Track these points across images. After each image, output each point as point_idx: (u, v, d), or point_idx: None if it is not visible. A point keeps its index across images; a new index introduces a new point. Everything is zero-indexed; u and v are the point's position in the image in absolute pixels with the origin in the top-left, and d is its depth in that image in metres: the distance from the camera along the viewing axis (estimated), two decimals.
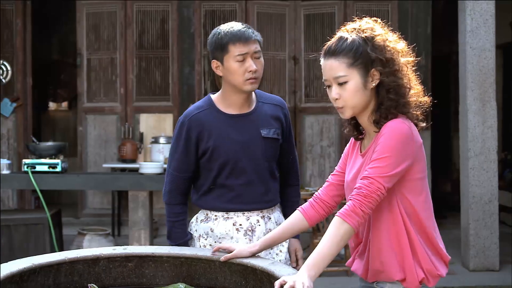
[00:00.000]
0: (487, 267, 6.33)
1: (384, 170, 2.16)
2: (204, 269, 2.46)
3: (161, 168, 5.83)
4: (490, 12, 6.30)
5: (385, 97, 2.26)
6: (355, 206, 2.14)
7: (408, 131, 2.21)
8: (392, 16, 8.61)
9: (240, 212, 2.85)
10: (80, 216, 8.72)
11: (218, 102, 2.88)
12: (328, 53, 2.30)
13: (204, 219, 2.92)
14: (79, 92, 8.76)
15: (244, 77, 2.75)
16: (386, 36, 2.30)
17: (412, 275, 2.24)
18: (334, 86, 2.29)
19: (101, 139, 8.71)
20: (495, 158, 6.36)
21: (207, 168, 2.86)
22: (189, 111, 2.88)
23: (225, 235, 2.85)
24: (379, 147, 2.19)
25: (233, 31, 2.76)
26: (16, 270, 2.18)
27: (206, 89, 8.71)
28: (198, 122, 2.82)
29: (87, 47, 8.71)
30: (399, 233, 2.25)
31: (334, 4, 8.68)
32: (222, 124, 2.82)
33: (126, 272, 2.48)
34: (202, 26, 8.66)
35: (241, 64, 2.74)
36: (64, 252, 2.41)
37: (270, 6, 8.70)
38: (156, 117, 8.60)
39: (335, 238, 2.12)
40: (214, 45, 2.80)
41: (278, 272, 2.21)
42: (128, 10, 8.64)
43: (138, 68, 8.69)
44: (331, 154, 8.74)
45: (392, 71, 2.26)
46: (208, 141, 2.82)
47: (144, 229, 5.71)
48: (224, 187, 2.85)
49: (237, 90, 2.80)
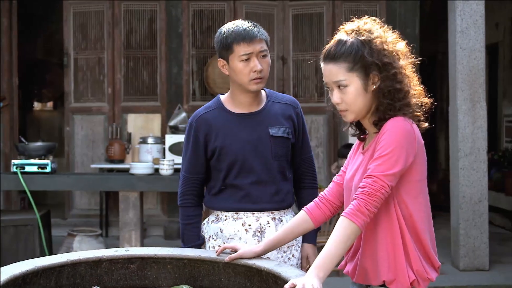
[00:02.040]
0: (477, 267, 6.35)
1: (387, 167, 2.15)
2: (208, 270, 2.43)
3: (152, 168, 5.79)
4: (480, 12, 6.32)
5: (381, 101, 2.25)
6: (361, 205, 2.12)
7: (410, 129, 2.20)
8: (380, 17, 8.44)
9: (250, 213, 2.81)
10: (67, 217, 8.64)
11: (226, 102, 2.85)
12: (328, 57, 2.28)
13: (215, 220, 2.89)
14: (66, 92, 8.69)
15: (249, 77, 2.72)
16: (384, 38, 2.27)
17: (404, 276, 2.22)
18: (335, 90, 2.28)
19: (88, 139, 8.64)
20: (485, 158, 6.38)
21: (217, 168, 2.84)
22: (198, 111, 2.87)
23: (233, 235, 2.81)
24: (382, 144, 2.18)
25: (238, 30, 2.72)
26: (19, 273, 2.15)
27: (194, 89, 8.68)
28: (205, 122, 2.80)
29: (74, 47, 8.64)
30: (394, 233, 2.23)
31: (323, 4, 8.68)
32: (229, 124, 2.80)
33: (129, 274, 2.45)
34: (191, 26, 8.63)
35: (246, 64, 2.72)
36: (66, 254, 2.38)
37: (258, 6, 8.68)
38: (144, 117, 8.55)
39: (342, 238, 2.10)
40: (219, 44, 2.77)
41: (285, 273, 2.19)
42: (116, 9, 8.59)
43: (125, 67, 8.64)
44: (319, 154, 8.73)
45: (389, 75, 2.23)
46: (216, 141, 2.79)
47: (135, 230, 5.67)
48: (234, 187, 2.81)
49: (244, 90, 2.78)
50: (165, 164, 5.69)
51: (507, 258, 6.87)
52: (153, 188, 5.85)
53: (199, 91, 8.68)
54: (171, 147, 7.91)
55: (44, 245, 5.70)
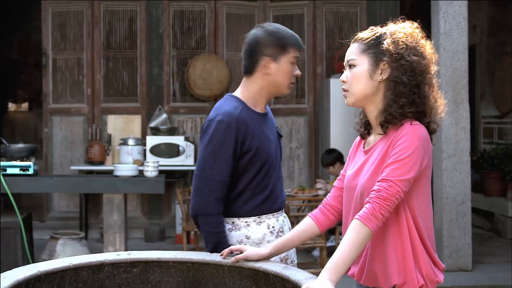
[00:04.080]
0: (460, 267, 6.39)
1: (403, 172, 2.12)
2: (212, 274, 2.40)
3: (136, 170, 5.72)
4: (463, 14, 6.37)
5: (386, 95, 2.24)
6: (375, 209, 2.10)
7: (426, 135, 2.19)
8: (361, 18, 8.66)
9: (270, 214, 2.80)
10: (46, 219, 8.51)
11: (247, 101, 2.80)
12: (354, 39, 2.35)
13: (233, 228, 2.76)
14: (44, 92, 8.56)
15: (290, 80, 2.79)
16: (410, 38, 2.26)
17: (413, 280, 2.20)
18: (347, 69, 2.33)
19: (67, 140, 8.53)
20: (468, 159, 6.43)
21: (243, 170, 2.73)
22: (230, 111, 2.71)
23: (261, 239, 2.75)
24: (399, 148, 2.15)
25: (294, 35, 2.81)
26: (22, 278, 2.10)
27: (175, 90, 8.61)
28: (244, 122, 2.70)
29: (53, 47, 8.52)
30: (403, 236, 2.21)
31: (304, 5, 8.68)
32: (259, 123, 2.78)
33: (131, 278, 2.41)
34: (171, 26, 8.57)
35: (292, 67, 2.78)
36: (68, 258, 2.33)
37: (239, 7, 8.65)
38: (124, 118, 8.46)
39: (356, 241, 2.08)
40: (273, 42, 2.75)
41: (294, 276, 2.16)
42: (95, 9, 8.49)
43: (105, 68, 8.55)
44: (300, 156, 8.73)
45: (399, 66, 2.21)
46: (253, 141, 2.71)
47: (119, 233, 5.59)
48: (258, 187, 2.74)
49: (276, 91, 2.82)
50: (150, 166, 5.63)
51: (488, 259, 6.93)
52: (138, 190, 5.79)
53: (180, 92, 8.62)
54: (152, 149, 7.85)
55: (26, 248, 5.60)
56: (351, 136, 8.27)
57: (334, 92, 7.75)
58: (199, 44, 8.62)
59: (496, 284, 6.02)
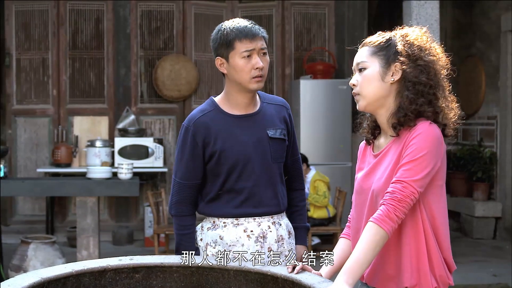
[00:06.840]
0: None
1: (417, 172, 2.10)
2: (217, 278, 2.35)
3: (110, 172, 5.62)
4: (435, 17, 6.44)
5: (404, 95, 2.21)
6: (389, 211, 2.07)
7: (439, 135, 2.17)
8: (329, 19, 8.68)
9: (251, 218, 2.74)
10: (9, 223, 8.30)
11: (222, 104, 2.76)
12: (362, 44, 2.31)
13: (211, 227, 2.78)
14: (7, 93, 8.36)
15: (250, 74, 2.65)
16: (423, 39, 2.25)
17: (426, 282, 2.18)
18: (356, 73, 2.29)
19: (32, 142, 8.34)
20: None
21: (214, 173, 2.73)
22: (193, 115, 2.74)
23: (235, 242, 2.72)
24: (413, 149, 2.13)
25: (240, 27, 2.65)
26: (27, 286, 2.02)
27: (143, 91, 8.50)
28: (203, 125, 2.70)
29: (17, 47, 8.33)
30: (418, 238, 2.19)
31: (272, 6, 8.66)
32: (228, 126, 2.71)
33: (133, 283, 2.34)
34: (139, 26, 8.46)
35: (247, 61, 2.64)
36: (70, 265, 2.26)
37: (207, 7, 8.59)
38: (91, 120, 8.32)
39: (372, 244, 2.05)
40: (218, 41, 2.68)
41: (306, 280, 2.12)
42: (61, 8, 8.33)
43: (71, 68, 8.39)
44: None
45: (417, 66, 2.20)
46: (215, 144, 2.69)
47: (93, 236, 5.49)
48: (233, 191, 2.72)
49: (242, 89, 2.70)
50: (124, 168, 5.53)
51: (458, 258, 6.95)
52: (112, 193, 5.67)
53: (148, 93, 8.51)
54: (121, 150, 7.73)
55: None
56: (320, 137, 8.32)
57: (303, 93, 7.74)
58: (167, 45, 8.52)
59: (469, 284, 6.07)
